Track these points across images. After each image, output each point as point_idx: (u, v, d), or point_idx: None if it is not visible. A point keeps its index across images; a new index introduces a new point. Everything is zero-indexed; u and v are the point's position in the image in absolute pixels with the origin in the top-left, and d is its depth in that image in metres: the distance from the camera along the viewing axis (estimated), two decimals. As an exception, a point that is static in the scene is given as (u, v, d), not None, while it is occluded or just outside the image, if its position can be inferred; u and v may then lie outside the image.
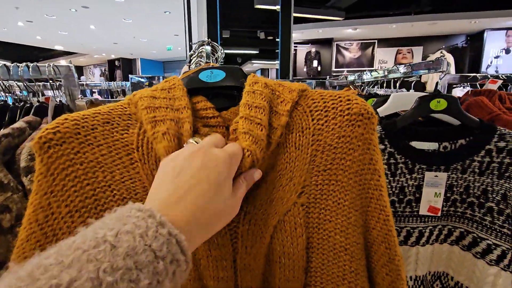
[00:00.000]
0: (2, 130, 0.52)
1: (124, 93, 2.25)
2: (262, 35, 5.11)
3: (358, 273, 0.32)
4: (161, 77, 1.27)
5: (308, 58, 8.62)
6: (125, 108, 0.33)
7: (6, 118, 0.61)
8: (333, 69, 8.16)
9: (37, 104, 0.61)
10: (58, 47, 10.24)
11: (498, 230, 0.58)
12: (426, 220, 0.62)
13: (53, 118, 0.61)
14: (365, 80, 1.18)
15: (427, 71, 0.85)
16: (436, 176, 0.59)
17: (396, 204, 0.62)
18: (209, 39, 0.64)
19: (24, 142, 0.55)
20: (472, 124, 0.60)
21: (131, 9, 5.56)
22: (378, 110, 0.71)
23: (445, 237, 0.63)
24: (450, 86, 1.20)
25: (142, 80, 1.26)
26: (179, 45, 8.19)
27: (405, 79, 1.14)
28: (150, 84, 1.25)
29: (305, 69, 8.63)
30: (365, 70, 1.23)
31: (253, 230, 0.30)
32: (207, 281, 0.31)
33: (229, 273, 0.31)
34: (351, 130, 0.31)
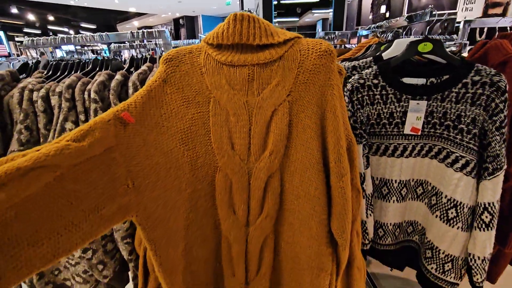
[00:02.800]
0: (136, 71, 0.89)
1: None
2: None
3: (317, 147, 0.58)
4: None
5: (375, 3, 7.72)
6: (199, 46, 0.62)
7: (134, 65, 0.99)
8: (405, 13, 7.20)
9: (149, 56, 0.97)
10: (132, 9, 11.22)
11: (465, 146, 0.76)
12: (409, 138, 0.82)
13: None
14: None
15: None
16: (418, 103, 0.78)
17: (387, 126, 0.83)
18: (248, 8, 0.85)
19: (147, 77, 0.92)
20: (454, 62, 0.75)
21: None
22: (383, 54, 0.87)
23: (426, 152, 0.83)
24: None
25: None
26: (237, -1, 8.21)
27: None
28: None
29: (370, 17, 7.82)
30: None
31: (260, 111, 0.58)
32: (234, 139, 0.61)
33: (246, 135, 0.60)
34: (319, 60, 0.55)
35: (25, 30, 12.88)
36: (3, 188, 0.34)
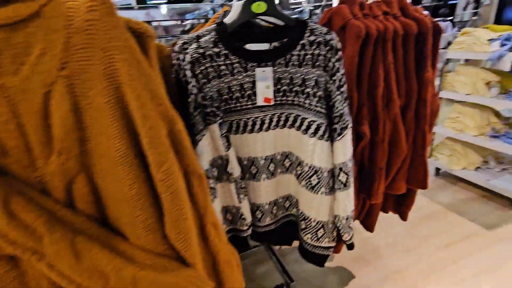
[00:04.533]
0: None
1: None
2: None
3: (121, 133, 0.44)
4: None
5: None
6: None
7: None
8: None
9: None
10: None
11: (314, 110, 0.74)
12: (264, 109, 0.77)
13: None
14: None
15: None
16: (264, 71, 0.72)
17: (240, 99, 0.75)
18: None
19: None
20: (290, 23, 0.71)
21: None
22: (225, 20, 0.79)
23: (284, 122, 0.79)
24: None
25: None
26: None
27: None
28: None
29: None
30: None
31: (25, 97, 0.40)
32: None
33: (17, 134, 0.41)
34: (92, 15, 0.40)
35: None
36: None
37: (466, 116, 2.11)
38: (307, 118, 0.76)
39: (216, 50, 0.69)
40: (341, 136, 0.74)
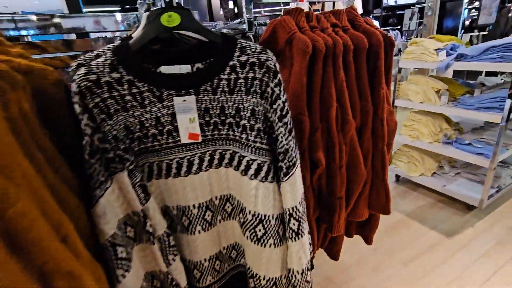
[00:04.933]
0: None
1: None
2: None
3: None
4: None
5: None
6: None
7: None
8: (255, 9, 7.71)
9: None
10: None
11: (252, 146, 0.60)
12: (191, 148, 0.60)
13: None
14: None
15: None
16: (184, 100, 0.55)
17: (158, 137, 0.58)
18: None
19: None
20: (216, 39, 0.56)
21: None
22: (133, 35, 0.61)
23: (219, 161, 0.64)
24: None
25: None
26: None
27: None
28: None
29: (221, 12, 8.02)
30: None
31: None
32: None
33: None
34: None
35: None
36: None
37: (420, 124, 2.14)
38: (245, 156, 0.61)
39: (115, 75, 0.52)
40: (288, 176, 0.60)
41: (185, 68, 0.56)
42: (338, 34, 0.88)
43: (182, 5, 0.60)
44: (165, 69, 0.55)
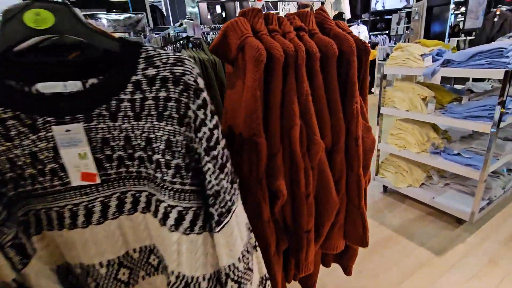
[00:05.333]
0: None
1: None
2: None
3: None
4: None
5: (210, 4, 7.84)
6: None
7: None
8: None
9: None
10: None
11: (170, 188, 0.44)
12: (88, 191, 0.45)
13: None
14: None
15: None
16: (68, 130, 0.40)
17: (39, 178, 0.43)
18: None
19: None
20: (113, 47, 0.41)
21: None
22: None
23: (133, 205, 0.48)
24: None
25: None
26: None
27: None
28: None
29: (209, 16, 7.88)
30: None
31: None
32: None
33: None
34: None
35: None
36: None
37: (407, 133, 2.03)
38: (162, 201, 0.45)
39: (-43, 98, 0.36)
40: (221, 226, 0.45)
41: (72, 85, 0.40)
42: (303, 39, 0.74)
43: (167, 9, 0.45)
44: (44, 87, 0.40)
